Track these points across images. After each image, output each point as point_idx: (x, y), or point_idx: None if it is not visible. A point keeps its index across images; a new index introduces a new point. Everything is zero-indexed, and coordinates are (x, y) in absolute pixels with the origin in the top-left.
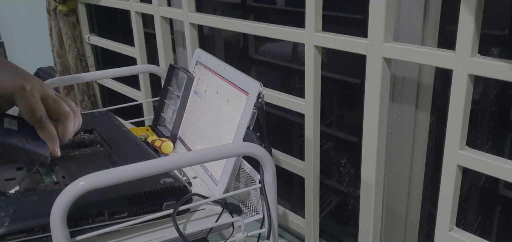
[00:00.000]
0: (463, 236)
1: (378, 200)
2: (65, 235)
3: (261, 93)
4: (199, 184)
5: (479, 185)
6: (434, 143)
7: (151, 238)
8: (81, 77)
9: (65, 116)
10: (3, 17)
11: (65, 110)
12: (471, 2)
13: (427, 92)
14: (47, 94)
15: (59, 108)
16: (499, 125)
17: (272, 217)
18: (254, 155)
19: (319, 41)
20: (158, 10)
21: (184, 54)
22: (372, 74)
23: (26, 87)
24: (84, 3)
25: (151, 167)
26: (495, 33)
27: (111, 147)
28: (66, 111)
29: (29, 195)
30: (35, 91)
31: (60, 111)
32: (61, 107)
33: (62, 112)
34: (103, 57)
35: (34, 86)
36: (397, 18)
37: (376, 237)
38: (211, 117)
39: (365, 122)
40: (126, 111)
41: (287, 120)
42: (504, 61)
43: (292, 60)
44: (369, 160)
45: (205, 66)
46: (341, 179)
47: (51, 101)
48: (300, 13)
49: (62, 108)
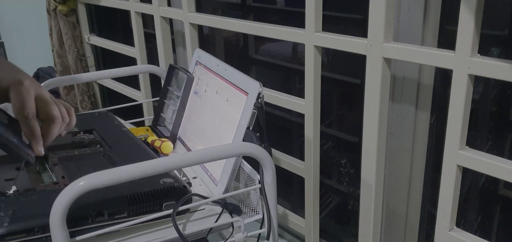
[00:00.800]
0: (463, 236)
1: (378, 200)
2: (64, 235)
3: (261, 93)
4: (199, 184)
5: (479, 185)
6: (434, 143)
7: (151, 238)
8: (81, 77)
9: (52, 119)
10: (3, 17)
11: (53, 114)
12: (471, 2)
13: (427, 92)
14: (41, 95)
15: (48, 110)
16: (499, 125)
17: (272, 217)
18: (254, 155)
19: (319, 41)
20: (158, 10)
21: (184, 54)
22: (372, 74)
23: (23, 82)
24: (84, 3)
25: (151, 167)
26: (495, 33)
27: (111, 147)
28: (54, 115)
29: (28, 195)
30: (30, 89)
31: (49, 113)
32: (50, 110)
33: (50, 115)
34: (103, 57)
35: (31, 84)
36: (397, 18)
37: (376, 237)
38: (211, 117)
39: (365, 122)
40: (126, 112)
41: (287, 120)
42: (504, 61)
43: (292, 60)
44: (369, 160)
45: (205, 66)
46: (341, 179)
47: (42, 103)
48: (300, 13)
49: (51, 111)
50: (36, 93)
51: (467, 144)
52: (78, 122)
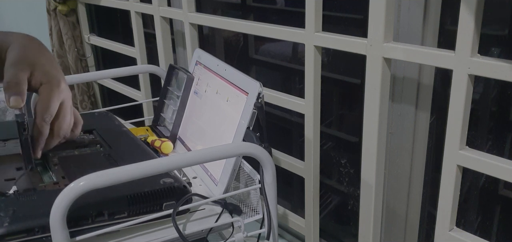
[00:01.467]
0: (463, 236)
1: (378, 200)
2: (65, 235)
3: (261, 93)
4: (199, 184)
5: (479, 185)
6: (434, 143)
7: (151, 238)
8: (81, 77)
9: (58, 133)
10: (3, 17)
11: (63, 129)
12: (471, 2)
13: (427, 92)
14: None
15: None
16: (499, 125)
17: (272, 217)
18: (254, 155)
19: (319, 41)
20: (158, 10)
21: (184, 54)
22: (372, 74)
23: (61, 84)
24: (84, 3)
25: (151, 167)
26: (495, 33)
27: (111, 147)
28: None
29: (28, 195)
30: (63, 94)
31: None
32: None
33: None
34: (103, 57)
35: (65, 87)
36: (397, 18)
37: (376, 237)
38: (211, 117)
39: (365, 122)
40: (126, 112)
41: (287, 120)
42: (504, 61)
43: (292, 60)
44: (369, 160)
45: (205, 66)
46: (341, 179)
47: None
48: (300, 13)
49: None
50: (63, 99)
51: (467, 144)
52: None
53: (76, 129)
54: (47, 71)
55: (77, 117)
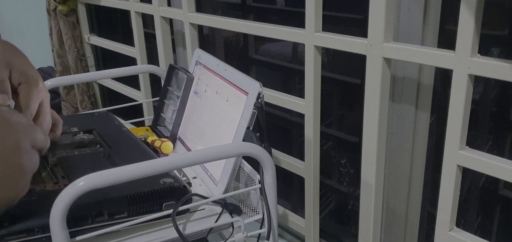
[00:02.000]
0: (463, 236)
1: (378, 200)
2: (64, 235)
3: (261, 93)
4: (199, 184)
5: (479, 185)
6: (434, 143)
7: (151, 238)
8: (81, 77)
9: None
10: (3, 17)
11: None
12: (471, 2)
13: (427, 92)
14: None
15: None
16: (499, 125)
17: (272, 217)
18: (254, 155)
19: (319, 41)
20: (158, 10)
21: (184, 54)
22: (372, 74)
23: (39, 83)
24: (84, 3)
25: (151, 167)
26: (495, 33)
27: (111, 147)
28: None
29: (28, 195)
30: (41, 93)
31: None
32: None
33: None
34: (103, 57)
35: (43, 87)
36: (397, 18)
37: (376, 237)
38: (211, 117)
39: (365, 122)
40: (126, 112)
41: (287, 120)
42: (504, 61)
43: (292, 60)
44: (369, 160)
45: (205, 66)
46: (341, 179)
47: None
48: (300, 13)
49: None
50: (42, 99)
51: (467, 144)
52: (78, 121)
53: (57, 129)
54: (24, 71)
55: (56, 118)
